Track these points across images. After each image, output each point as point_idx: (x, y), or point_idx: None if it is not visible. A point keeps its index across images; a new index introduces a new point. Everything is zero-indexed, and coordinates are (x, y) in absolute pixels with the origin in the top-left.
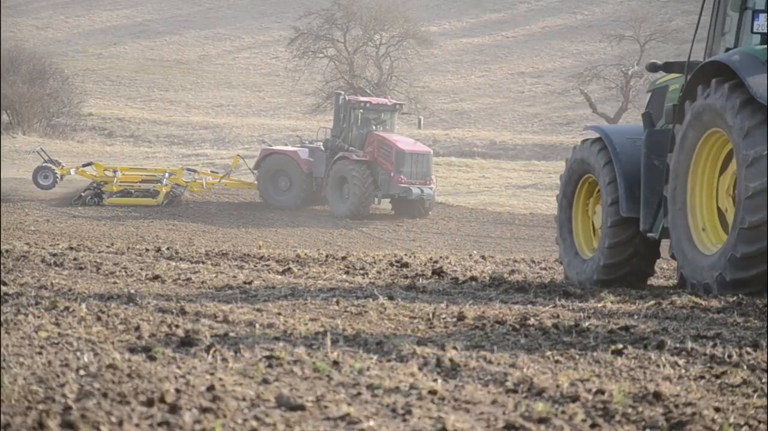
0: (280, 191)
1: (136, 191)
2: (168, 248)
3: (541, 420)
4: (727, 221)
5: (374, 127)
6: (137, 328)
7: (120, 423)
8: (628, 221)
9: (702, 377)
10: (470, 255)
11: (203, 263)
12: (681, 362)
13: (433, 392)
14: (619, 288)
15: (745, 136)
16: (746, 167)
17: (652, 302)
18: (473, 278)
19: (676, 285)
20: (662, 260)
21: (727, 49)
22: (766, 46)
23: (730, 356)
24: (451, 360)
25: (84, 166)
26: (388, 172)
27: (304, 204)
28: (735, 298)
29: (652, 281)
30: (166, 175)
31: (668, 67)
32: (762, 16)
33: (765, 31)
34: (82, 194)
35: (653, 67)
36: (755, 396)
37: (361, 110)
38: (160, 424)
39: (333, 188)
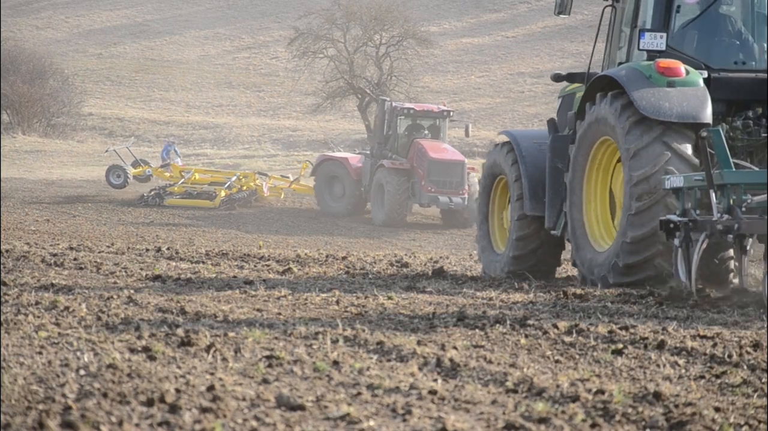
0: (336, 197)
1: (198, 192)
2: (168, 248)
3: (541, 420)
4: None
5: (425, 133)
6: (137, 328)
7: (120, 423)
8: (533, 215)
9: (702, 377)
10: (470, 255)
11: (203, 263)
12: (681, 362)
13: (433, 392)
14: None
15: (626, 133)
16: (629, 159)
17: (652, 302)
18: (473, 278)
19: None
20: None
21: (620, 63)
22: (651, 62)
23: (730, 356)
24: (451, 360)
25: (162, 167)
26: (420, 180)
27: (354, 211)
28: (625, 288)
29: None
30: (233, 178)
31: (571, 77)
32: (647, 35)
33: (650, 48)
34: (145, 194)
35: (557, 78)
36: (755, 395)
37: (405, 117)
38: (160, 424)
39: (375, 195)
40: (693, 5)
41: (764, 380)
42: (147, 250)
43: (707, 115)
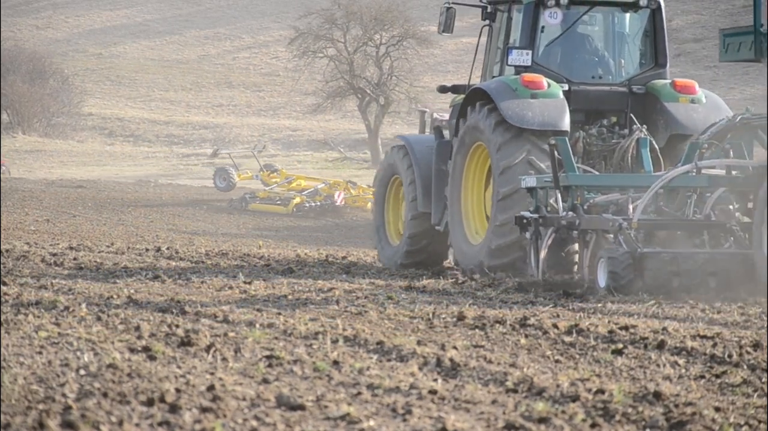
0: None
1: (281, 198)
2: (168, 248)
3: (541, 420)
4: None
5: None
6: (137, 328)
7: (120, 423)
8: (425, 214)
9: (702, 377)
10: None
11: (203, 263)
12: (681, 362)
13: (433, 392)
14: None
15: (497, 150)
16: (498, 175)
17: (652, 302)
18: (473, 278)
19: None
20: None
21: (494, 77)
22: (517, 76)
23: (730, 356)
24: (451, 359)
25: (272, 171)
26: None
27: None
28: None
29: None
30: (318, 186)
31: (455, 89)
32: (515, 52)
33: (517, 64)
34: (234, 198)
35: (442, 89)
36: (755, 395)
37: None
38: (160, 424)
39: None
40: (556, 26)
41: (764, 380)
42: (147, 250)
43: (565, 123)
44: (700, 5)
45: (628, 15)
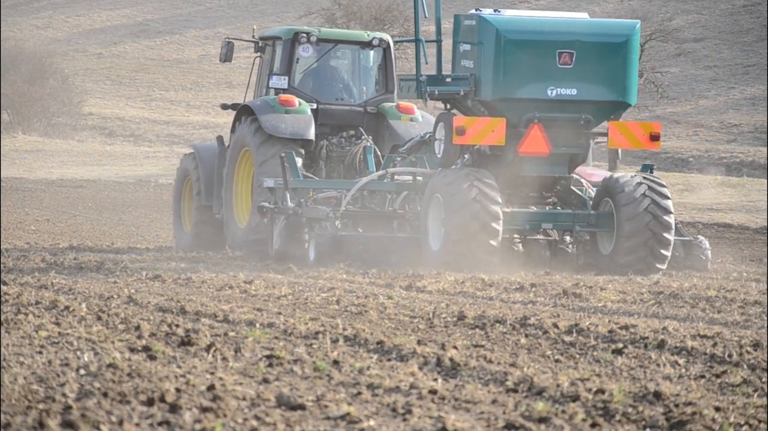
0: None
1: None
2: (168, 248)
3: (542, 420)
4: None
5: None
6: (137, 327)
7: (120, 423)
8: (208, 207)
9: (702, 376)
10: None
11: (203, 262)
12: (681, 361)
13: (433, 391)
14: (618, 283)
15: (257, 147)
16: (257, 175)
17: (652, 301)
18: (473, 278)
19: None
20: None
21: (259, 96)
22: (276, 96)
23: (730, 355)
24: (451, 359)
25: None
26: None
27: None
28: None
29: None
30: None
31: (234, 107)
32: (275, 77)
33: (277, 87)
34: None
35: (224, 107)
36: (755, 395)
37: None
38: (160, 423)
39: None
40: (309, 58)
41: (764, 379)
42: (147, 250)
43: (311, 133)
44: (700, 5)
45: (365, 52)
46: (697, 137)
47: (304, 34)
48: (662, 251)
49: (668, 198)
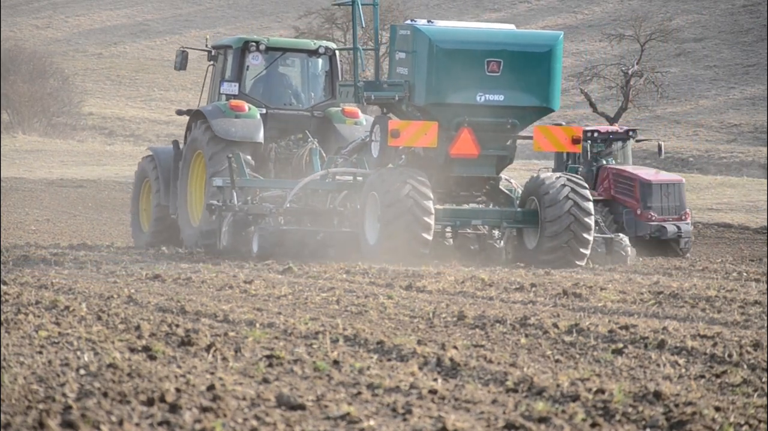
0: None
1: None
2: (168, 248)
3: (542, 420)
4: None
5: (605, 161)
6: (137, 327)
7: (120, 423)
8: (166, 206)
9: (702, 376)
10: None
11: (203, 262)
12: (681, 361)
13: (433, 391)
14: (618, 284)
15: (209, 158)
16: (209, 177)
17: (652, 301)
18: (473, 278)
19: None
20: None
21: (212, 102)
22: (227, 102)
23: (730, 355)
24: (451, 359)
25: None
26: (634, 209)
27: None
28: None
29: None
30: None
31: (189, 112)
32: (226, 84)
33: (228, 93)
34: None
35: (179, 113)
36: (755, 395)
37: (589, 141)
38: (160, 423)
39: None
40: (258, 65)
41: (764, 379)
42: (147, 250)
43: (260, 136)
44: (700, 5)
45: (312, 59)
46: (697, 137)
47: (254, 43)
48: (581, 250)
49: (589, 200)
